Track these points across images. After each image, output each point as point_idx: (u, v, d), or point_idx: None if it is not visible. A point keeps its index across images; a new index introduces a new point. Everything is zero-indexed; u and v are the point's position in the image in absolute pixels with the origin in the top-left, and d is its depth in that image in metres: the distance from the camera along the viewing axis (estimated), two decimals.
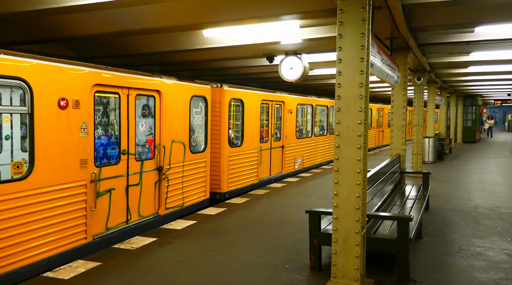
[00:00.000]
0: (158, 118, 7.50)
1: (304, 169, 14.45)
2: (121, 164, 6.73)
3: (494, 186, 11.17)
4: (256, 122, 11.18)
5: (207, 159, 9.01)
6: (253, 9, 6.20)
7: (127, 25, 7.05)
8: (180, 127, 8.07)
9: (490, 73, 14.64)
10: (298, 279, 4.92)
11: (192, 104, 8.42)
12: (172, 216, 7.86)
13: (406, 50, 8.99)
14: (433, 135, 16.44)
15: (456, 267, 5.32)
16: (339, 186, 4.48)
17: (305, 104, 14.77)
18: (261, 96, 11.42)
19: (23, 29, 7.91)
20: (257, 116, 11.25)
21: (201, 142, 8.89)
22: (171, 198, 7.85)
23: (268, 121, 12.00)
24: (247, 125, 10.73)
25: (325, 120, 16.76)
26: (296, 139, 13.76)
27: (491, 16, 6.76)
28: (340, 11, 4.37)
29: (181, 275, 5.04)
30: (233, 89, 10.10)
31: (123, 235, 6.66)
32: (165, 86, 7.57)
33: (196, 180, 8.61)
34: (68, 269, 5.18)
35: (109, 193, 6.50)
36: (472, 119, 28.13)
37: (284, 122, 12.81)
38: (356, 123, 4.39)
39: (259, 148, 11.35)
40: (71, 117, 5.69)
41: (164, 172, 7.61)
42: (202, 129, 8.93)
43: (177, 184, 8.02)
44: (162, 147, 7.55)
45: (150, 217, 7.37)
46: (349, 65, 4.38)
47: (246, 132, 10.69)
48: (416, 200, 7.13)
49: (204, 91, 8.84)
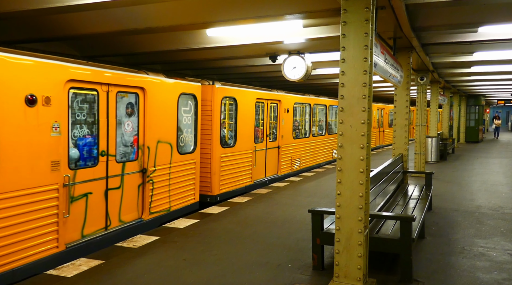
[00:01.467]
0: (142, 117, 7.06)
1: (302, 170, 14.06)
2: (99, 166, 6.28)
3: (497, 186, 11.15)
4: (250, 121, 10.78)
5: (197, 160, 8.59)
6: (257, 8, 6.20)
7: (130, 24, 7.06)
8: (167, 127, 7.64)
9: (494, 73, 14.60)
10: (300, 279, 4.92)
11: (180, 103, 8.01)
12: (158, 221, 7.44)
13: (409, 50, 8.97)
14: (436, 135, 16.41)
15: (459, 267, 5.31)
16: (342, 186, 4.48)
17: (302, 103, 14.44)
18: (255, 94, 11.03)
19: (27, 28, 7.94)
20: (252, 115, 10.83)
21: (190, 142, 8.48)
22: (156, 202, 7.42)
23: (263, 121, 11.65)
24: (240, 124, 10.31)
25: (324, 120, 16.44)
26: (293, 140, 13.39)
27: (494, 16, 6.75)
28: (343, 11, 4.37)
29: (183, 273, 5.06)
30: (226, 87, 9.69)
31: (101, 242, 6.22)
32: (149, 83, 7.14)
33: (184, 183, 8.20)
34: (71, 267, 5.20)
35: (86, 197, 6.04)
36: (475, 119, 28.05)
37: (280, 121, 12.42)
38: (360, 123, 4.39)
39: (254, 149, 10.95)
40: (40, 115, 5.22)
41: (148, 174, 7.19)
42: (192, 129, 8.50)
43: (163, 187, 7.61)
44: (146, 148, 7.12)
45: (133, 222, 6.95)
46: (353, 65, 4.38)
47: (240, 132, 10.28)
48: (419, 200, 7.12)
49: (193, 88, 8.39)
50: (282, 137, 12.53)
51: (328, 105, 16.58)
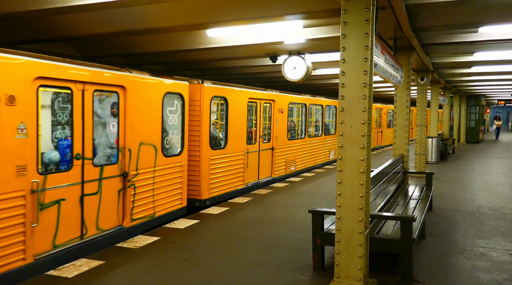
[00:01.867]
0: (123, 118, 6.64)
1: (297, 172, 13.69)
2: (74, 170, 5.82)
3: (497, 187, 11.14)
4: (242, 122, 10.37)
5: (184, 162, 8.17)
6: (257, 9, 6.20)
7: (131, 25, 7.07)
8: (150, 128, 7.24)
9: (494, 73, 14.60)
10: (301, 279, 4.92)
11: (166, 102, 7.62)
12: (140, 228, 7.04)
13: (410, 50, 8.98)
14: (436, 135, 16.41)
15: (459, 268, 5.31)
16: (342, 186, 4.48)
17: (298, 103, 14.07)
18: (247, 94, 10.66)
19: (28, 29, 7.95)
20: (244, 116, 10.42)
21: (177, 144, 8.07)
22: (138, 207, 7.00)
23: (256, 122, 11.24)
24: (231, 125, 9.90)
25: (320, 121, 16.05)
26: (288, 141, 13.00)
27: (495, 16, 6.75)
28: (344, 11, 4.37)
29: (184, 274, 5.06)
30: (215, 86, 9.30)
31: (76, 252, 5.77)
32: (131, 81, 6.73)
33: (170, 187, 7.78)
34: (71, 268, 5.20)
35: (58, 204, 5.58)
36: (475, 119, 28.04)
37: (274, 122, 12.03)
38: (360, 123, 4.39)
39: (246, 150, 10.53)
40: (3, 115, 4.79)
41: (130, 179, 6.77)
42: (178, 130, 8.08)
43: (147, 192, 7.20)
44: (127, 150, 6.69)
45: (112, 230, 6.53)
46: (353, 65, 4.38)
47: (231, 133, 9.87)
48: (419, 200, 7.12)
49: (180, 87, 7.99)
50: (276, 138, 12.17)
51: (325, 105, 16.23)
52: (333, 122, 17.32)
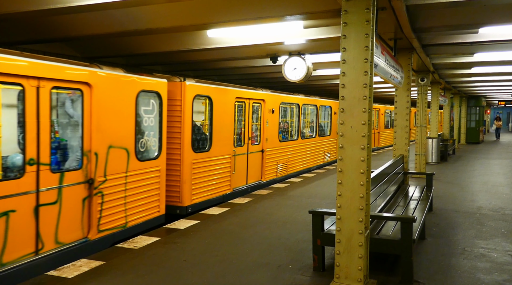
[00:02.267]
0: (88, 119, 6.01)
1: (289, 175, 13.00)
2: (26, 177, 5.17)
3: (498, 187, 11.14)
4: (228, 123, 9.72)
5: (162, 167, 7.57)
6: (257, 9, 6.21)
7: (131, 25, 7.07)
8: (122, 130, 6.62)
9: (494, 74, 14.60)
10: (301, 280, 4.92)
11: (140, 102, 7.04)
12: (109, 240, 6.45)
13: (410, 51, 8.98)
14: (437, 136, 16.41)
15: (459, 268, 5.31)
16: (342, 187, 4.48)
17: (290, 103, 13.44)
18: (235, 93, 10.01)
19: (28, 29, 7.96)
20: (230, 116, 9.79)
21: (154, 147, 7.43)
22: (107, 217, 6.39)
23: (244, 122, 10.61)
24: (216, 126, 9.24)
25: (315, 121, 15.39)
26: (279, 143, 12.38)
27: (495, 17, 6.75)
28: (344, 12, 4.37)
29: (184, 274, 5.06)
30: (198, 84, 8.67)
31: (30, 269, 5.15)
32: (97, 78, 6.09)
33: (145, 194, 7.18)
34: (72, 268, 5.20)
35: (6, 216, 4.95)
36: (475, 120, 28.04)
37: (264, 123, 11.39)
38: (360, 124, 4.39)
39: (233, 153, 9.90)
40: None
41: (96, 186, 6.14)
42: (156, 131, 7.48)
43: (117, 200, 6.59)
44: (93, 154, 6.06)
45: (75, 243, 5.85)
46: (353, 66, 4.38)
47: (216, 135, 9.22)
48: (420, 201, 7.12)
49: (156, 85, 7.40)
50: (267, 140, 11.50)
51: (319, 105, 15.61)
52: (328, 123, 16.77)
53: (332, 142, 16.77)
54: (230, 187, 9.83)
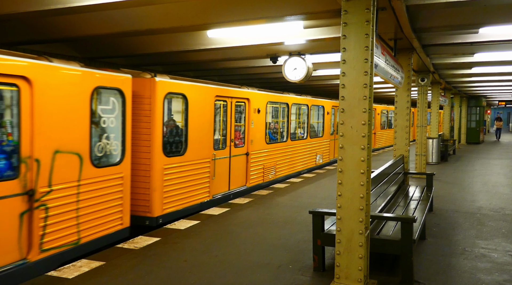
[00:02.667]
0: (28, 119, 5.09)
1: (277, 179, 12.14)
2: None
3: (498, 187, 11.13)
4: (207, 124, 8.84)
5: (126, 173, 6.67)
6: (257, 9, 6.21)
7: (131, 26, 7.08)
8: (72, 132, 5.74)
9: (495, 74, 14.60)
10: (301, 280, 4.92)
11: (98, 100, 6.22)
12: (56, 260, 5.52)
13: (410, 51, 8.98)
14: (437, 136, 16.41)
15: (460, 269, 5.30)
16: (342, 187, 4.48)
17: (278, 102, 12.60)
18: (214, 91, 9.10)
19: (28, 30, 7.96)
20: (210, 116, 8.93)
21: (115, 151, 6.54)
22: (53, 234, 5.48)
23: (226, 123, 9.77)
24: (193, 128, 8.35)
25: (306, 122, 14.58)
26: (266, 145, 11.49)
27: (495, 17, 6.75)
28: (344, 12, 4.37)
29: (184, 275, 5.06)
30: (171, 81, 7.81)
31: None
32: (39, 71, 5.23)
33: (104, 205, 6.29)
34: (72, 268, 5.20)
35: None
36: (476, 120, 28.04)
37: (249, 124, 10.53)
38: (360, 124, 4.39)
39: (212, 156, 9.02)
40: None
41: (38, 198, 5.25)
42: (118, 134, 6.57)
43: (67, 213, 5.70)
44: (33, 161, 5.17)
45: (9, 267, 4.94)
46: (353, 66, 4.38)
47: (192, 138, 8.32)
48: (420, 201, 7.12)
49: (118, 82, 6.52)
50: (252, 142, 10.63)
51: (311, 105, 14.76)
52: (320, 124, 15.91)
53: (325, 144, 16.07)
54: (209, 194, 8.93)
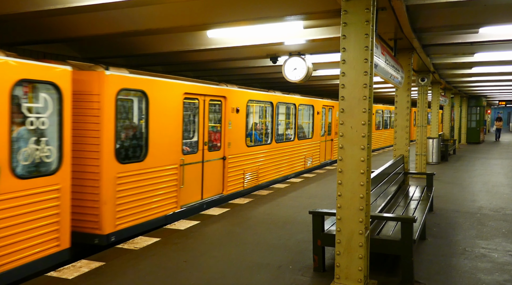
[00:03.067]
0: None
1: (261, 185, 11.10)
2: None
3: (498, 187, 11.13)
4: (174, 125, 7.77)
5: (64, 184, 5.61)
6: (257, 10, 6.21)
7: (132, 26, 7.07)
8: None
9: (495, 74, 14.60)
10: (301, 280, 4.92)
11: (21, 95, 5.22)
12: None
13: (410, 51, 8.97)
14: (437, 136, 16.40)
15: (460, 269, 5.30)
16: (342, 187, 4.48)
17: (261, 101, 11.55)
18: (183, 87, 8.03)
19: (28, 30, 7.96)
20: (177, 117, 7.85)
21: (48, 158, 5.47)
22: None
23: (198, 124, 8.69)
24: (155, 130, 7.27)
25: (294, 122, 13.58)
26: (247, 148, 10.46)
27: (495, 16, 6.74)
28: (344, 12, 4.37)
29: (184, 275, 5.05)
30: (126, 75, 6.74)
31: None
32: None
33: (32, 224, 5.20)
34: (72, 269, 5.20)
35: None
36: (476, 120, 28.03)
37: (226, 125, 9.52)
38: (360, 124, 4.39)
39: (181, 162, 7.94)
40: None
41: None
42: (52, 137, 5.51)
43: None
44: None
45: None
46: (353, 66, 4.38)
47: (154, 141, 7.23)
48: (420, 201, 7.11)
49: (51, 74, 5.42)
50: (230, 145, 9.61)
51: (298, 104, 13.69)
52: (310, 125, 14.93)
53: (315, 146, 15.09)
54: (177, 205, 7.89)
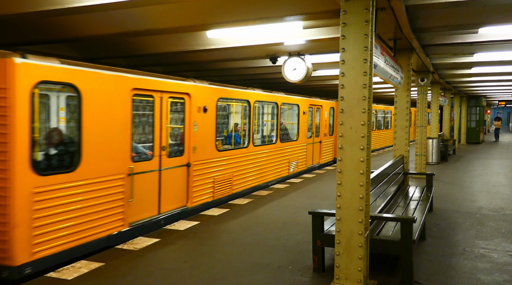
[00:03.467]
0: None
1: (235, 194, 9.84)
2: None
3: (498, 187, 11.13)
4: (119, 127, 6.45)
5: None
6: (257, 10, 6.21)
7: (131, 26, 7.07)
8: None
9: (494, 74, 14.60)
10: (301, 281, 4.91)
11: None
12: None
13: (410, 51, 8.97)
14: (437, 136, 16.40)
15: (460, 269, 5.30)
16: (342, 187, 4.47)
17: (235, 99, 10.32)
18: (131, 82, 6.67)
19: (28, 30, 7.95)
20: (124, 117, 6.53)
21: None
22: None
23: (154, 126, 7.34)
24: (91, 133, 6.00)
25: (276, 123, 12.22)
26: (218, 152, 9.17)
27: (494, 17, 6.75)
28: (343, 12, 4.37)
29: (184, 276, 5.05)
30: (47, 64, 5.45)
31: None
32: None
33: None
34: (71, 270, 5.20)
35: None
36: (476, 120, 28.05)
37: (191, 126, 8.22)
38: (360, 125, 4.39)
39: (129, 171, 6.63)
40: None
41: None
42: None
43: None
44: None
45: None
46: (353, 66, 4.38)
47: (90, 146, 5.97)
48: (420, 201, 7.11)
49: None
50: (195, 150, 8.28)
51: (281, 103, 12.25)
52: (295, 125, 13.72)
53: (300, 148, 13.81)
54: (124, 222, 6.59)
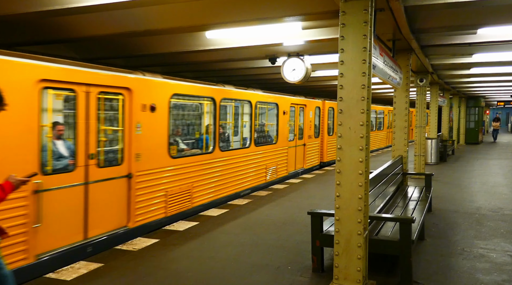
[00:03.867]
0: None
1: (197, 208, 8.35)
2: None
3: (497, 188, 11.14)
4: (19, 131, 5.00)
5: None
6: (256, 10, 6.21)
7: (130, 27, 7.07)
8: None
9: (493, 74, 14.62)
10: (300, 281, 4.92)
11: None
12: None
13: (409, 51, 8.98)
14: (436, 136, 16.42)
15: (459, 269, 5.31)
16: (341, 188, 4.48)
17: (195, 97, 8.85)
18: (39, 71, 5.24)
19: (27, 31, 7.95)
20: (27, 117, 5.08)
21: None
22: None
23: (78, 128, 5.86)
24: None
25: (249, 125, 10.85)
26: (171, 160, 7.63)
27: (493, 17, 6.76)
28: (342, 13, 4.38)
29: (183, 276, 5.05)
30: None
31: None
32: None
33: None
34: (70, 270, 5.20)
35: None
36: (475, 120, 28.08)
37: (132, 129, 6.70)
38: (358, 125, 4.40)
39: (35, 187, 5.16)
40: None
41: None
42: None
43: None
44: None
45: None
46: (351, 67, 4.39)
47: None
48: (419, 202, 7.12)
49: None
50: (139, 157, 6.79)
51: (255, 102, 10.92)
52: (273, 127, 12.17)
53: (281, 153, 12.23)
54: (28, 254, 5.13)
